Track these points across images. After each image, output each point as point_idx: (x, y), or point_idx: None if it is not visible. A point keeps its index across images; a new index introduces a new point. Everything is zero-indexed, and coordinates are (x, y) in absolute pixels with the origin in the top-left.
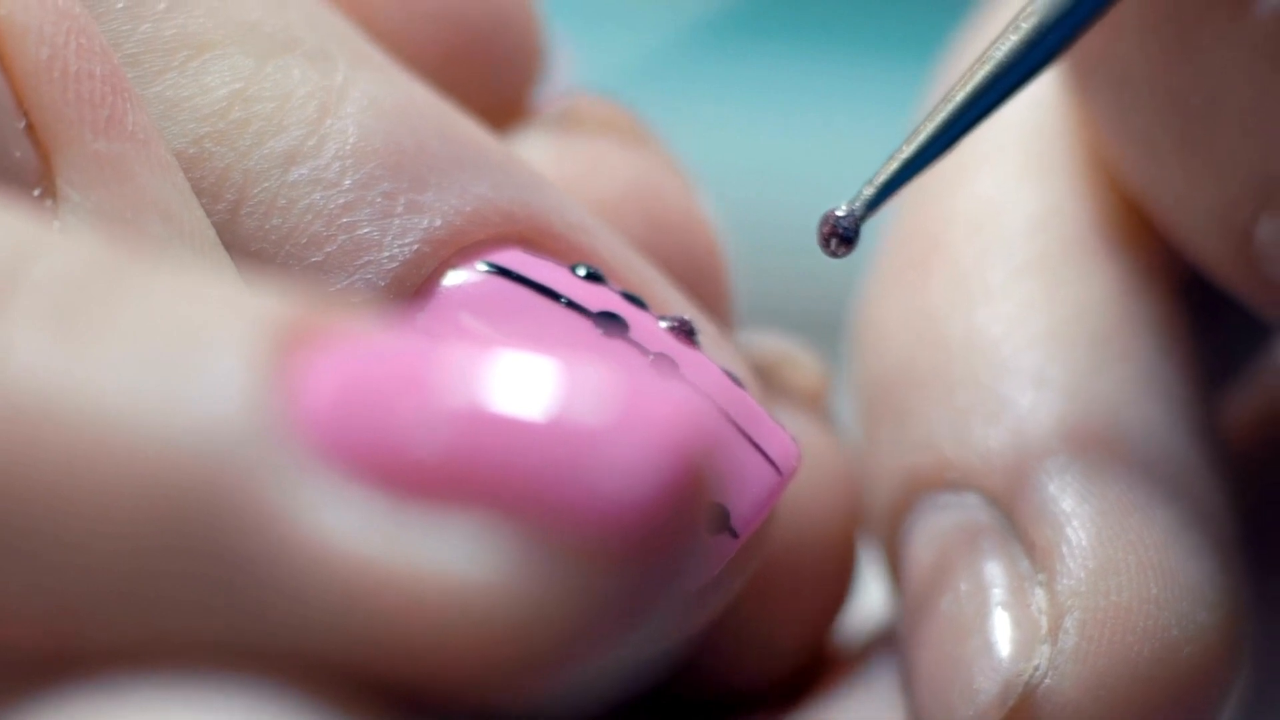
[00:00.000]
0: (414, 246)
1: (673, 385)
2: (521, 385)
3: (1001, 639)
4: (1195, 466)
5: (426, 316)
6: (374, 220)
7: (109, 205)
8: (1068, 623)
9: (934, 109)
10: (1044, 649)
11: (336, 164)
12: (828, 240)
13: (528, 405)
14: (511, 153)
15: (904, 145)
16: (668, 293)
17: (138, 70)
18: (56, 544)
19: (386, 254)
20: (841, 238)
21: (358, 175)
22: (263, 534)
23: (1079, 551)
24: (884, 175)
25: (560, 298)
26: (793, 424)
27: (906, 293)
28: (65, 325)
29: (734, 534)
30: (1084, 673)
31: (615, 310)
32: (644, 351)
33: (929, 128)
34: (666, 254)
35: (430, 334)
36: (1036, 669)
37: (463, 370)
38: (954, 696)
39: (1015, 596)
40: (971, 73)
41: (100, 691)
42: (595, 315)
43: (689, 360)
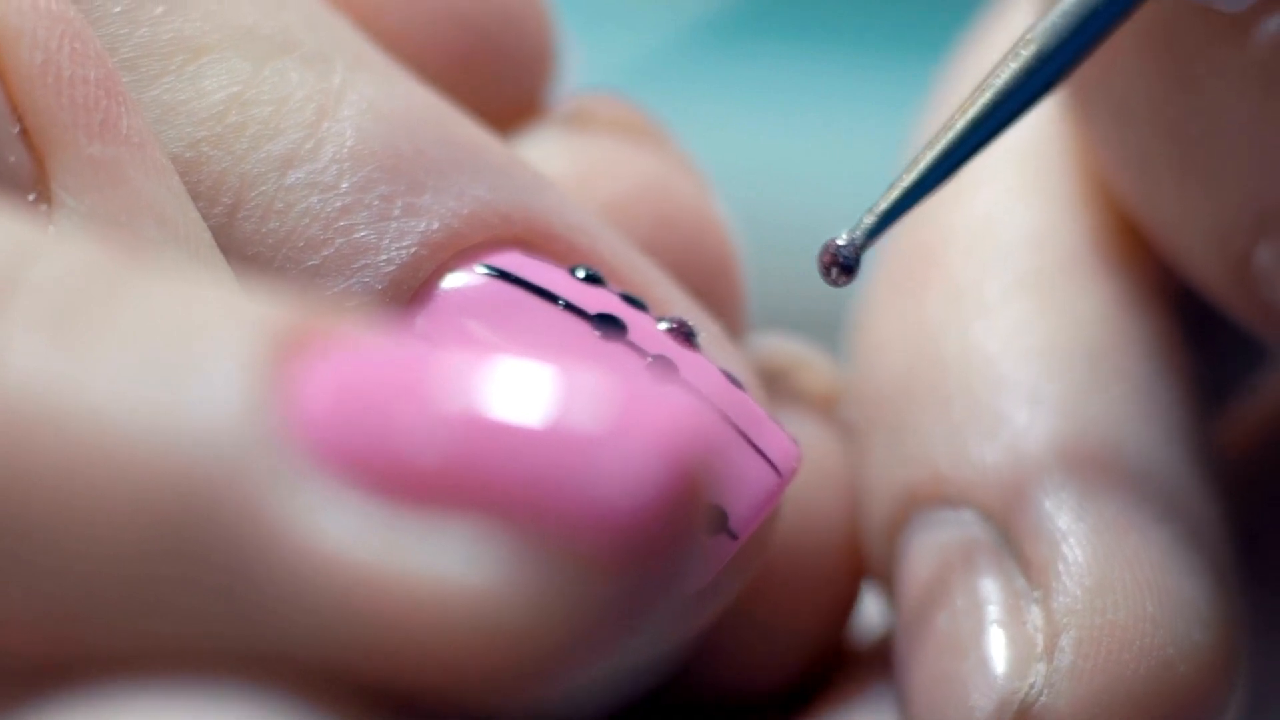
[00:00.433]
0: (411, 250)
1: (670, 390)
2: (518, 391)
3: (997, 656)
4: (1191, 485)
5: (425, 319)
6: (371, 223)
7: (104, 209)
8: (1064, 641)
9: (934, 137)
10: (1040, 667)
11: (334, 167)
12: (828, 269)
13: (525, 411)
14: (512, 154)
15: (904, 173)
16: (671, 293)
17: (135, 74)
18: (54, 548)
19: (384, 257)
20: (842, 267)
21: (355, 178)
22: (260, 539)
23: (1075, 569)
24: (884, 204)
25: (558, 300)
26: (800, 428)
27: (903, 307)
28: (63, 329)
29: (733, 535)
30: (1080, 691)
31: (614, 312)
32: (642, 354)
33: (929, 156)
34: (677, 253)
35: (428, 337)
36: (1032, 687)
37: (460, 376)
38: (949, 713)
39: (1011, 614)
40: (971, 100)
41: (98, 697)
42: (593, 317)
43: (688, 362)
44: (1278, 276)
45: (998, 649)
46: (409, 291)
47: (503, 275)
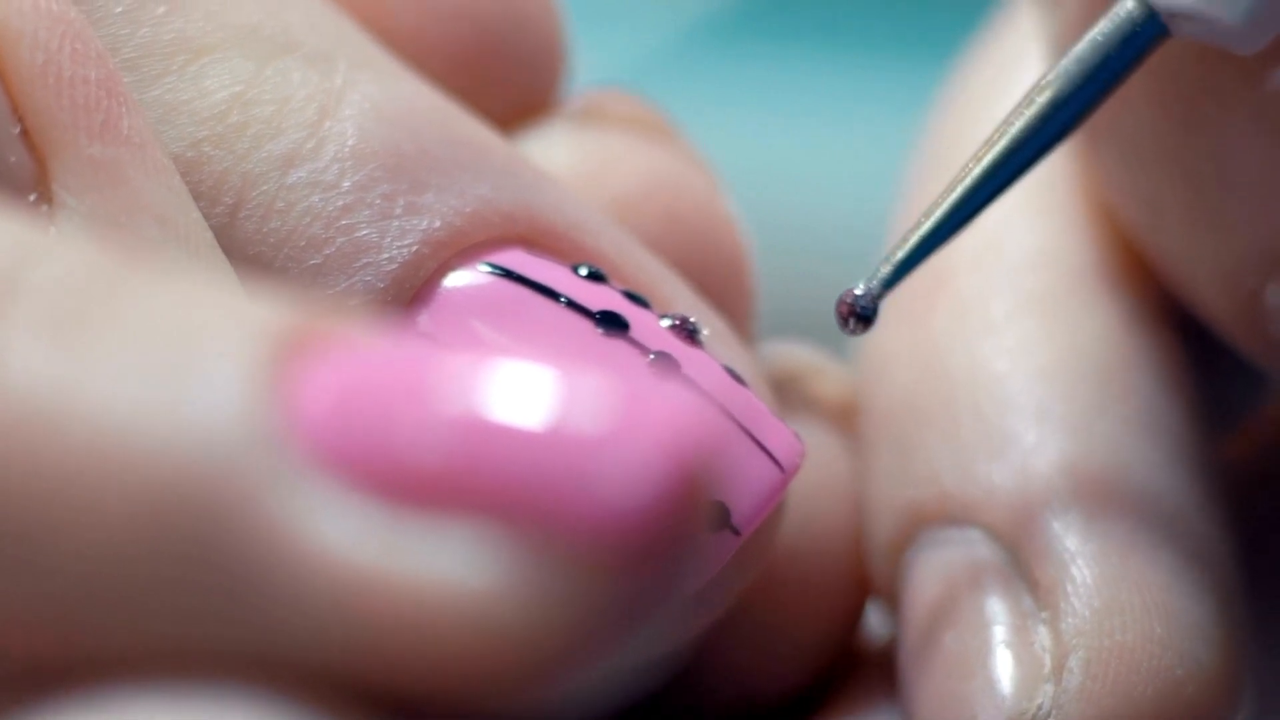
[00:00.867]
0: (413, 248)
1: (671, 390)
2: (519, 394)
3: (1004, 677)
4: (1196, 506)
5: (427, 318)
6: (373, 222)
7: (104, 210)
8: (1072, 662)
9: (949, 184)
10: (1047, 688)
11: (335, 166)
12: (846, 320)
13: (525, 414)
14: (516, 153)
15: (920, 221)
16: (676, 289)
17: (136, 74)
18: (54, 551)
19: (385, 255)
20: (860, 316)
21: (356, 177)
22: (260, 542)
23: (1083, 590)
24: (901, 252)
25: (560, 297)
26: (810, 435)
27: (910, 325)
28: (64, 332)
29: (736, 532)
30: (1089, 712)
31: (616, 310)
32: (644, 350)
33: (944, 204)
34: (687, 249)
35: (431, 335)
36: (1040, 707)
37: (461, 378)
38: None
39: (1018, 634)
40: (986, 148)
41: (99, 699)
42: (595, 315)
43: (690, 359)
44: None
45: (1005, 669)
46: (411, 290)
47: (505, 273)
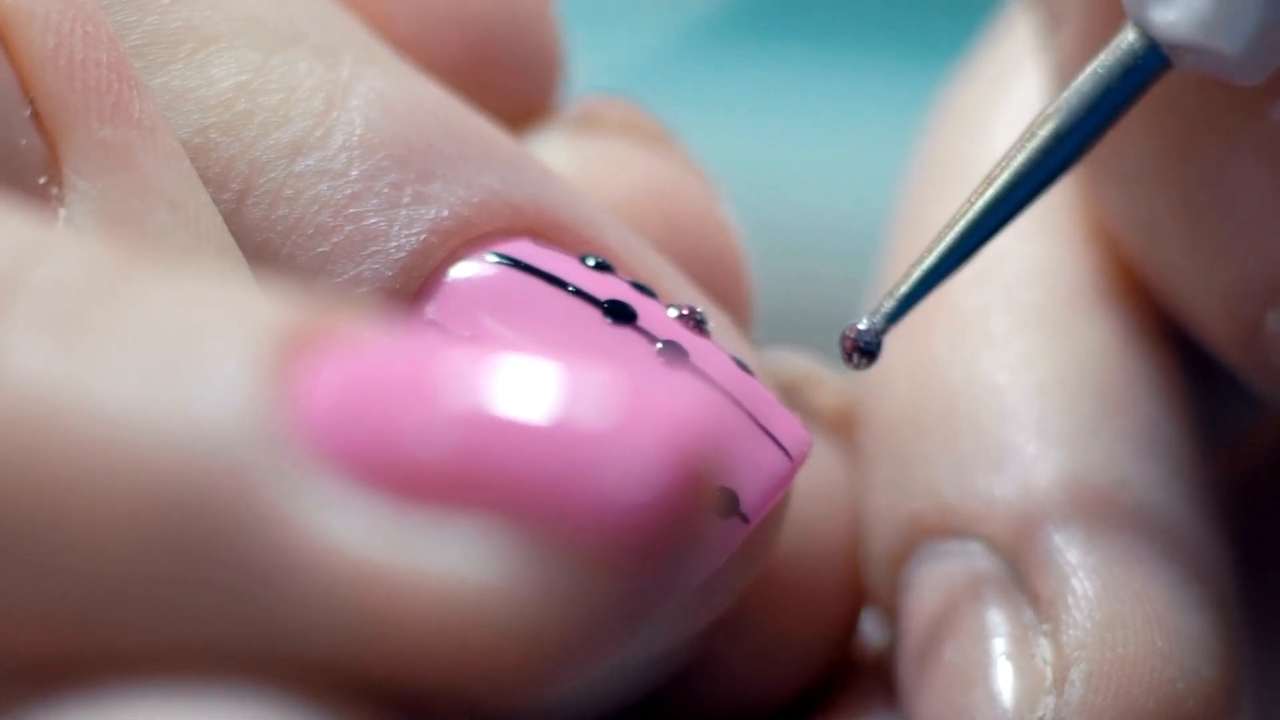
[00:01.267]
0: (421, 237)
1: (676, 384)
2: (524, 388)
3: (1005, 689)
4: (1196, 520)
5: (435, 307)
6: (381, 211)
7: (115, 193)
8: (1073, 674)
9: (951, 218)
10: (1049, 700)
11: (344, 155)
12: (850, 355)
13: (530, 409)
14: (521, 148)
15: (923, 256)
16: (679, 286)
17: (143, 61)
18: (59, 549)
19: (394, 244)
20: (863, 351)
21: (365, 166)
22: (265, 538)
23: (1085, 603)
24: (904, 287)
25: (568, 286)
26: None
27: (909, 339)
28: (66, 330)
29: (745, 519)
30: None
31: (624, 299)
32: (652, 339)
33: (947, 238)
34: (684, 256)
35: (438, 325)
36: None
37: (465, 374)
38: None
39: (1019, 646)
40: (988, 181)
41: (103, 698)
42: (604, 304)
43: (698, 348)
44: None
45: (1006, 681)
46: (419, 279)
47: (513, 263)
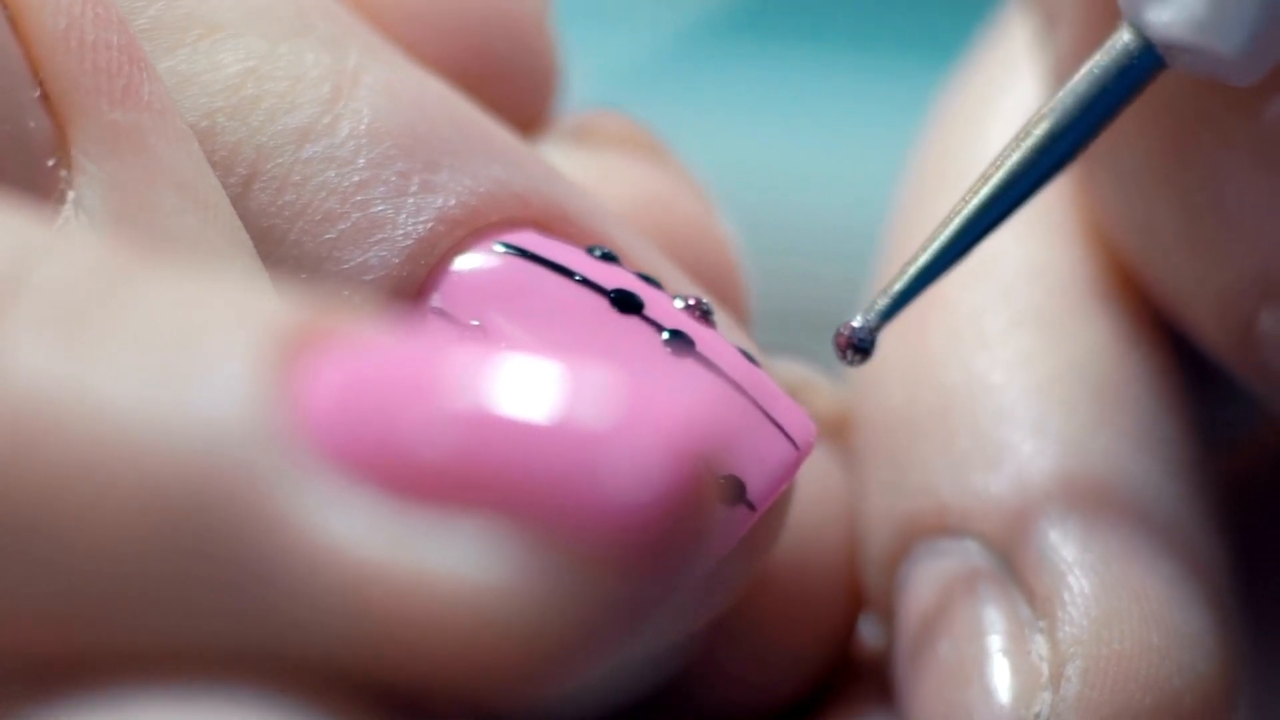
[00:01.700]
0: (428, 224)
1: (680, 380)
2: (526, 388)
3: (1001, 685)
4: (1193, 517)
5: (440, 296)
6: (388, 198)
7: (124, 176)
8: (1070, 670)
9: (946, 216)
10: (1045, 696)
11: (351, 142)
12: (844, 352)
13: (532, 408)
14: (524, 145)
15: (917, 254)
16: (680, 283)
17: (150, 45)
18: (61, 549)
19: (400, 231)
20: (857, 348)
21: (372, 154)
22: (267, 538)
23: (1081, 599)
24: (898, 285)
25: (575, 275)
26: None
27: (904, 340)
28: (68, 330)
29: (751, 507)
30: None
31: (630, 288)
32: (658, 329)
33: (942, 236)
34: (680, 267)
35: (443, 314)
36: (1038, 716)
37: (466, 373)
38: None
39: (1015, 643)
40: (983, 180)
41: (105, 699)
42: (610, 293)
43: (704, 338)
44: None
45: (1002, 678)
46: (425, 267)
47: (520, 252)
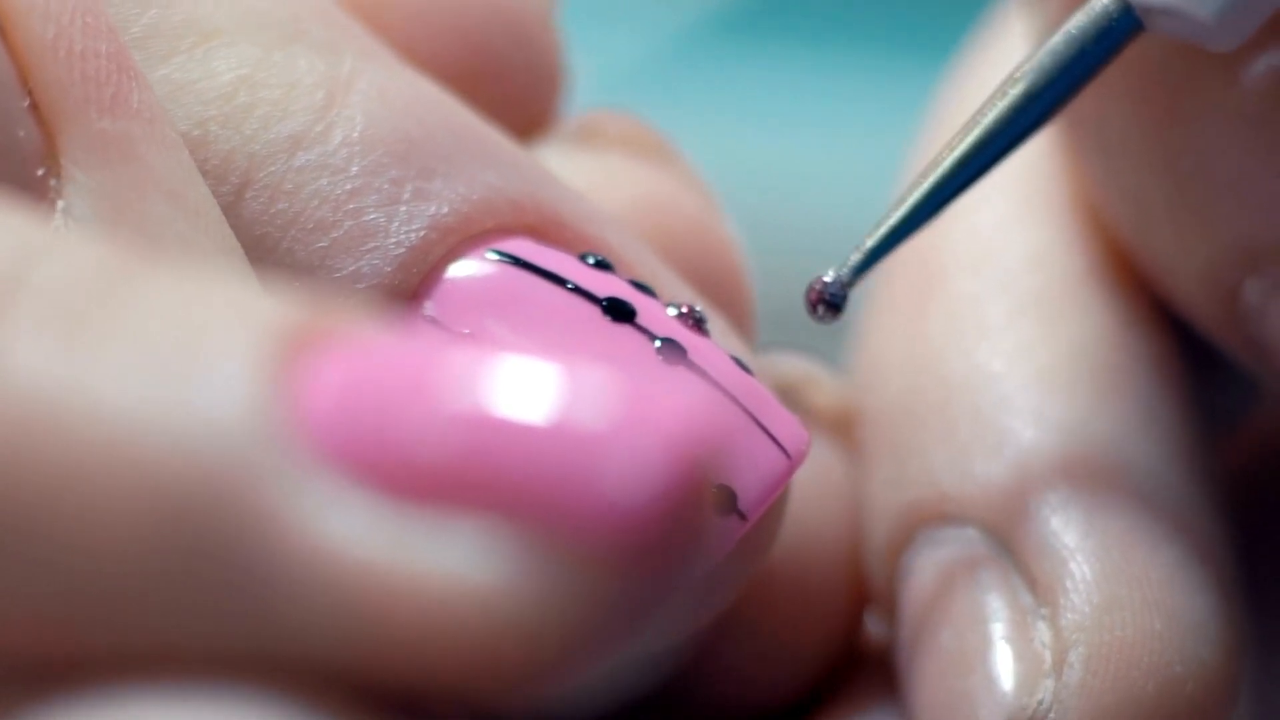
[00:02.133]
0: (421, 233)
1: (675, 384)
2: (524, 389)
3: (1004, 672)
4: (1195, 504)
5: (433, 304)
6: (381, 206)
7: (114, 185)
8: (1072, 657)
9: (921, 174)
10: (1048, 683)
11: (344, 150)
12: (815, 307)
13: (530, 409)
14: (520, 149)
15: (891, 210)
16: (677, 288)
17: (143, 53)
18: (60, 549)
19: (393, 240)
20: (829, 304)
21: (365, 162)
22: (266, 538)
23: (1083, 586)
24: (871, 241)
25: (567, 283)
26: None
27: (905, 328)
28: (68, 330)
29: (743, 517)
30: (1089, 707)
31: (623, 297)
32: (651, 337)
33: (916, 193)
34: (683, 269)
35: (437, 322)
36: (1040, 703)
37: (465, 374)
38: None
39: (1018, 630)
40: (959, 138)
41: (102, 698)
42: (603, 301)
43: (697, 346)
44: (1266, 312)
45: (1005, 665)
46: (418, 275)
47: (512, 260)
